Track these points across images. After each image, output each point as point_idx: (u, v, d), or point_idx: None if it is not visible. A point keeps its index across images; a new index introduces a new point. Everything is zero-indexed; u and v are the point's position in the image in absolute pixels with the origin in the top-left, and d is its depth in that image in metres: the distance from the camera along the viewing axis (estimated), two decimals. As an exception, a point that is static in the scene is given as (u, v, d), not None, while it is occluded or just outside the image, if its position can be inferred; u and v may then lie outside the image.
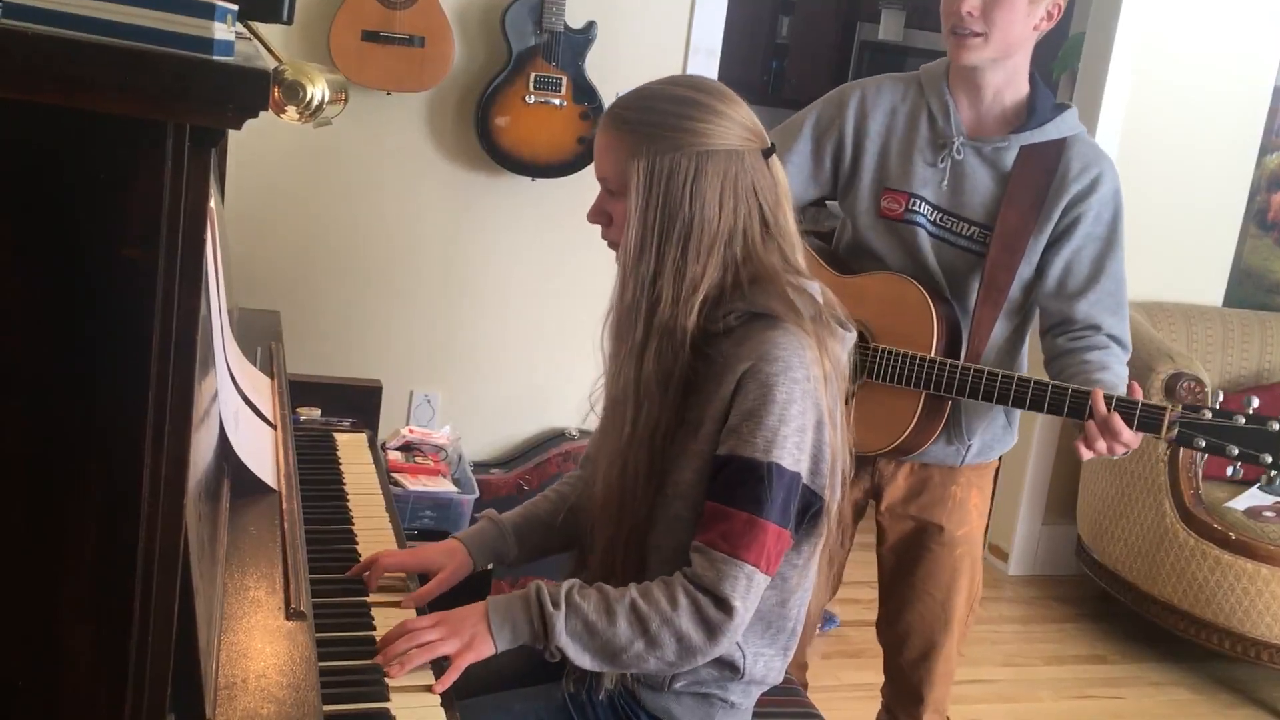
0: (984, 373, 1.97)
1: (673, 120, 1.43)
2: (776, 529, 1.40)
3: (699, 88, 1.47)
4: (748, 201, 1.44)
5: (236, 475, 1.49)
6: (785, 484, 1.40)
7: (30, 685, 0.86)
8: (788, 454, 1.40)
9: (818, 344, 1.44)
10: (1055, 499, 3.86)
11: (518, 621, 1.40)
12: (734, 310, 1.44)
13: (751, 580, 1.39)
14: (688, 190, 1.41)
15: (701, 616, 1.39)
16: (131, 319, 0.81)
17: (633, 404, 1.46)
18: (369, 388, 2.26)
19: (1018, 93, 2.03)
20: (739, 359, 1.42)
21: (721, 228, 1.43)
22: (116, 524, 0.84)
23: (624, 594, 1.41)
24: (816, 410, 1.43)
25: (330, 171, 3.06)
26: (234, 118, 0.79)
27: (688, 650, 1.40)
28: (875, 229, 2.08)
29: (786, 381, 1.40)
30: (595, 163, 1.50)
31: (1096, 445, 1.85)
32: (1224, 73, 3.68)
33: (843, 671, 2.90)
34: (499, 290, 3.24)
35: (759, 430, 1.39)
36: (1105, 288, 2.01)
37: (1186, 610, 3.21)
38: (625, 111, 1.46)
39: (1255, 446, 1.84)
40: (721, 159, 1.42)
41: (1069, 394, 1.90)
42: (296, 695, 1.15)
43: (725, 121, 1.44)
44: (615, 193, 1.47)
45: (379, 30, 2.89)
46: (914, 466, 2.13)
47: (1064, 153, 2.00)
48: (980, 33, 1.93)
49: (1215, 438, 1.85)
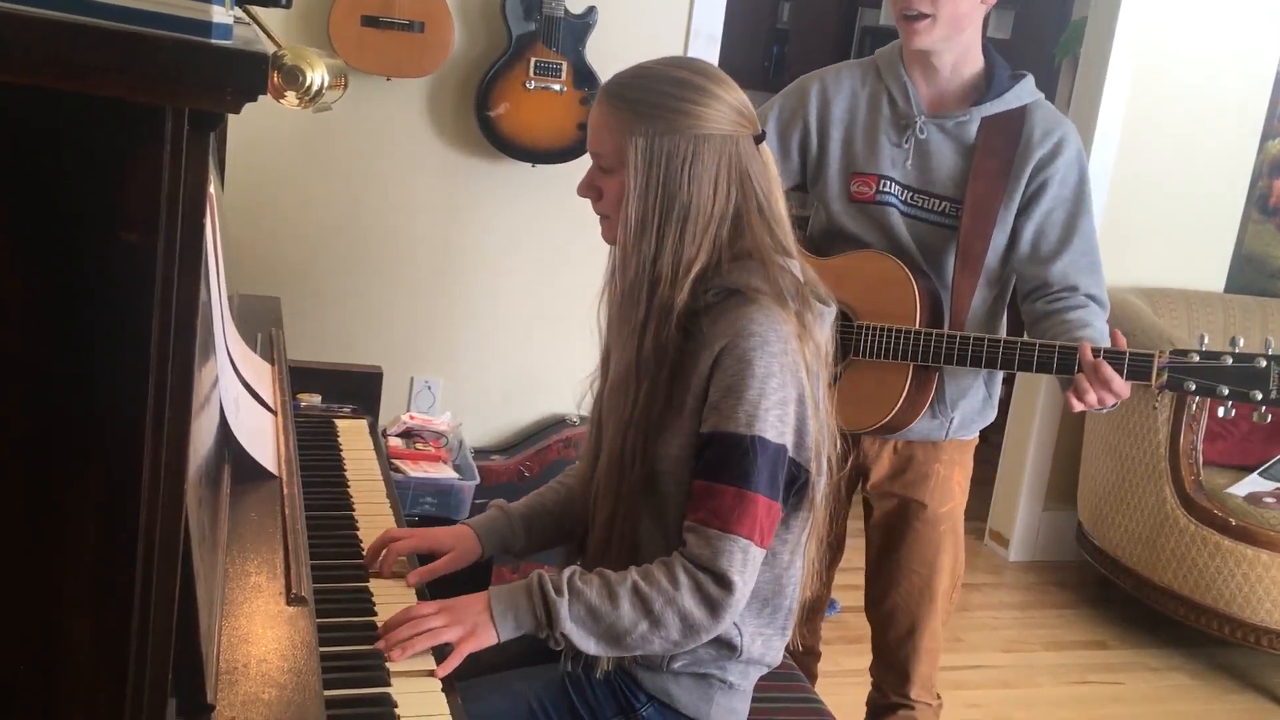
0: (970, 338, 1.99)
1: (671, 102, 1.44)
2: (766, 501, 1.41)
3: (696, 70, 1.49)
4: (742, 186, 1.46)
5: (237, 461, 1.49)
6: (770, 456, 1.41)
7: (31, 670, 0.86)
8: (770, 426, 1.41)
9: (796, 319, 1.46)
10: (1056, 485, 3.87)
11: (520, 610, 1.41)
12: (712, 287, 1.46)
13: (747, 554, 1.40)
14: (685, 173, 1.43)
15: (703, 594, 1.39)
16: (131, 304, 0.81)
17: (633, 383, 1.47)
18: (369, 374, 2.26)
19: (974, 66, 2.07)
20: (716, 336, 1.44)
21: (716, 211, 1.44)
22: (117, 509, 0.84)
23: (625, 577, 1.41)
24: (797, 383, 1.44)
25: (330, 157, 3.05)
26: (233, 102, 0.79)
27: (691, 628, 1.40)
28: (848, 213, 2.11)
29: (764, 355, 1.41)
30: (590, 137, 1.51)
31: (1087, 397, 1.87)
32: (1226, 58, 3.67)
33: (842, 657, 2.90)
34: (500, 276, 3.23)
35: (740, 405, 1.40)
36: (1078, 248, 2.03)
37: (1187, 596, 3.21)
38: (623, 89, 1.47)
39: (1244, 384, 1.87)
40: (717, 143, 1.44)
41: (1056, 350, 1.92)
42: (298, 680, 1.15)
43: (721, 106, 1.45)
44: (608, 169, 1.49)
45: (378, 15, 2.88)
46: (897, 445, 2.15)
47: (1025, 120, 2.04)
48: (928, 14, 1.97)
49: (1205, 379, 1.87)
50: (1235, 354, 1.88)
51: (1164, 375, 1.88)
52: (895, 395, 2.03)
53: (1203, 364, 1.87)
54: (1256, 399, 1.87)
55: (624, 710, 1.52)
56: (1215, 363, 1.87)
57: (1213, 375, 1.88)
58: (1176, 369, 1.88)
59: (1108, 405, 1.89)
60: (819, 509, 1.52)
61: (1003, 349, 1.97)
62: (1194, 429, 3.22)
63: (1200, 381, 1.88)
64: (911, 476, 2.15)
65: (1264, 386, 1.86)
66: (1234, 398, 1.87)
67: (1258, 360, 1.86)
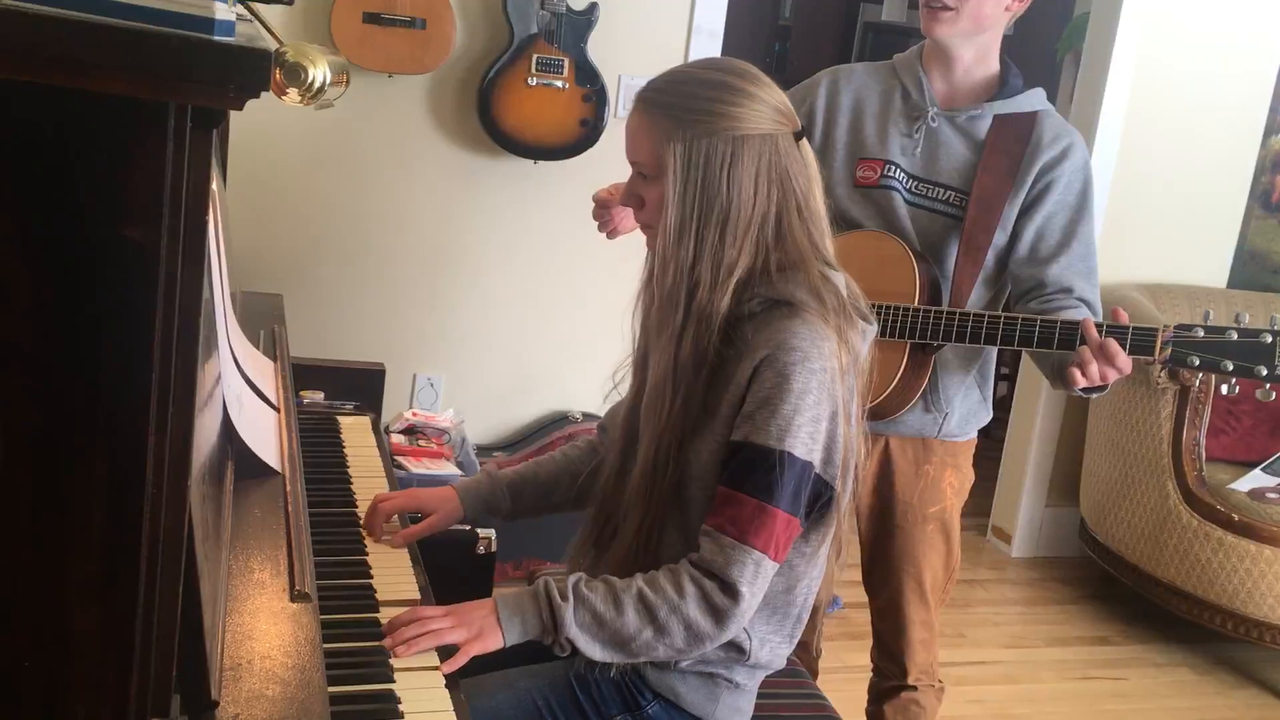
0: (969, 314, 1.98)
1: (706, 104, 1.43)
2: (786, 516, 1.41)
3: (731, 71, 1.48)
4: (782, 186, 1.45)
5: (240, 458, 1.49)
6: (796, 473, 1.41)
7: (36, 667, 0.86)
8: (800, 443, 1.40)
9: (838, 335, 1.45)
10: (1058, 481, 3.86)
11: (527, 615, 1.41)
12: (757, 296, 1.45)
13: (760, 567, 1.40)
14: (725, 174, 1.42)
15: (709, 603, 1.39)
16: (134, 301, 0.81)
17: (670, 388, 1.46)
18: (372, 371, 2.26)
19: (988, 69, 2.10)
20: (758, 346, 1.43)
21: (756, 212, 1.44)
22: (121, 506, 0.84)
23: (630, 584, 1.41)
24: (832, 401, 1.43)
25: (332, 154, 3.05)
26: (235, 99, 0.79)
27: (696, 637, 1.41)
28: (852, 198, 2.12)
29: (804, 371, 1.40)
30: (628, 146, 1.50)
31: (1090, 369, 1.86)
32: (1229, 53, 3.66)
33: (846, 654, 2.90)
34: (502, 273, 3.23)
35: (774, 418, 1.40)
36: (1077, 251, 2.04)
37: (1189, 591, 3.21)
38: (658, 95, 1.46)
39: (1249, 359, 1.85)
40: (756, 143, 1.43)
41: (1059, 326, 1.92)
42: (301, 676, 1.15)
43: (758, 105, 1.44)
44: (648, 176, 1.47)
45: (380, 12, 2.88)
46: (888, 444, 2.15)
47: (1036, 124, 2.06)
48: (952, 6, 1.99)
49: (1209, 353, 1.86)
50: (1240, 329, 1.86)
51: (1168, 349, 1.87)
52: (890, 374, 2.02)
53: (1207, 339, 1.86)
54: (1261, 374, 1.84)
55: (630, 708, 1.52)
56: (1220, 338, 1.85)
57: (1217, 350, 1.85)
58: (1180, 344, 1.87)
59: (1109, 380, 1.88)
60: (842, 514, 1.52)
61: (1004, 324, 1.96)
62: (1196, 425, 3.22)
63: (1204, 356, 1.86)
64: (899, 477, 2.14)
65: (1269, 362, 1.84)
66: (1238, 373, 1.85)
67: (1263, 336, 1.84)
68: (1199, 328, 1.87)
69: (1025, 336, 1.95)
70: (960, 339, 1.99)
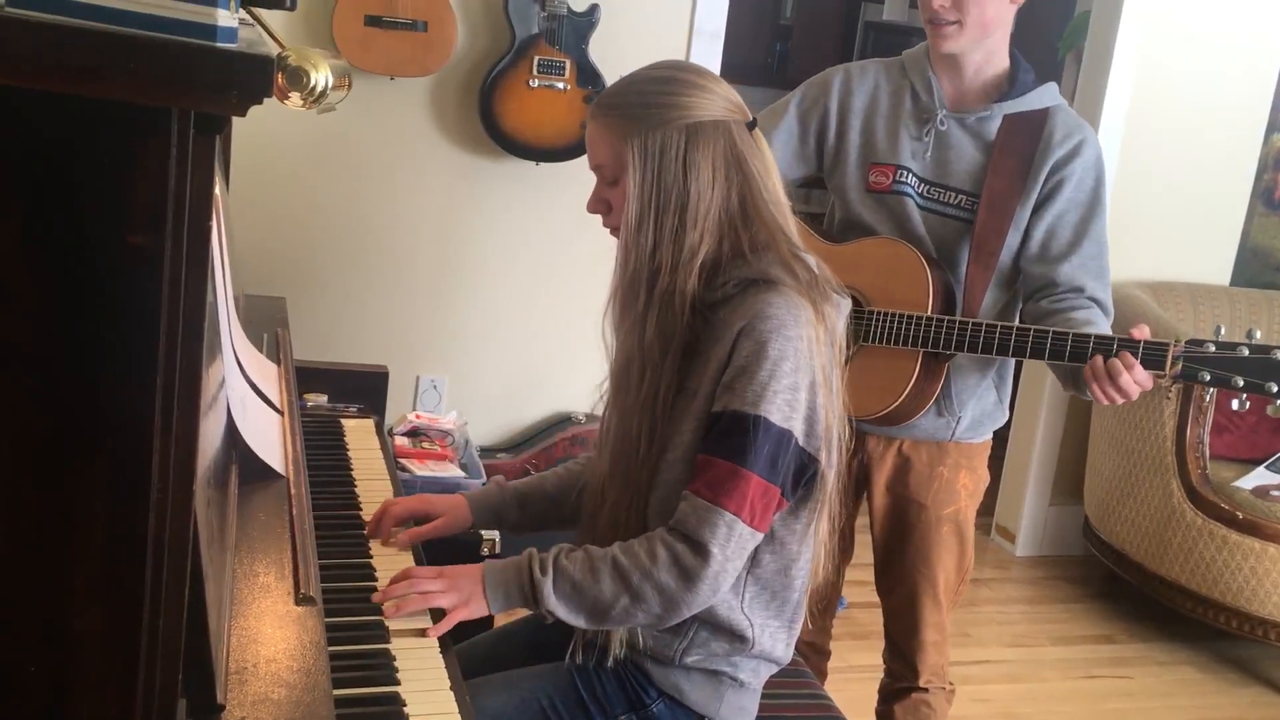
0: (982, 325, 1.99)
1: (656, 99, 1.47)
2: (761, 481, 1.41)
3: (678, 67, 1.54)
4: (741, 169, 1.48)
5: (244, 462, 1.50)
6: (772, 438, 1.42)
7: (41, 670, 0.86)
8: (776, 409, 1.42)
9: (813, 307, 1.47)
10: (1062, 479, 3.86)
11: (510, 586, 1.45)
12: (732, 279, 1.47)
13: (732, 529, 1.41)
14: (680, 162, 1.45)
15: (679, 565, 1.41)
16: (138, 306, 0.82)
17: (636, 370, 1.49)
18: (375, 373, 2.26)
19: (998, 67, 2.09)
20: (734, 322, 1.45)
21: (716, 194, 1.46)
22: (126, 510, 0.85)
23: (607, 552, 1.44)
24: (810, 370, 1.45)
25: (334, 157, 3.05)
26: (238, 104, 0.79)
27: (670, 601, 1.42)
28: (865, 203, 2.12)
29: (780, 339, 1.42)
30: (590, 155, 1.54)
31: (1093, 389, 1.89)
32: (1231, 50, 3.66)
33: (850, 654, 2.90)
34: (504, 274, 3.24)
35: (750, 384, 1.42)
36: (1088, 251, 2.03)
37: (1194, 590, 3.21)
38: (611, 99, 1.51)
39: (1260, 375, 1.85)
40: (709, 129, 1.46)
41: (1070, 339, 1.92)
42: (307, 679, 1.15)
43: (708, 95, 1.48)
44: (611, 180, 1.51)
45: (382, 15, 2.88)
46: (902, 445, 2.14)
47: (1047, 121, 2.05)
48: (955, 20, 1.99)
49: (1220, 369, 1.86)
50: (1251, 345, 1.86)
51: (1179, 364, 1.87)
52: (904, 382, 2.03)
53: (1218, 354, 1.86)
54: (1272, 391, 1.85)
55: (634, 706, 1.53)
56: (1231, 353, 1.86)
57: (1228, 366, 1.86)
58: (1191, 359, 1.87)
59: (1118, 402, 1.89)
60: (831, 493, 1.53)
61: (1015, 335, 1.96)
62: (1200, 422, 3.22)
63: (1215, 372, 1.86)
64: (914, 478, 2.14)
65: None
66: (1249, 389, 1.86)
67: (1275, 352, 1.85)
68: (1210, 343, 1.87)
69: (1037, 347, 1.95)
70: (972, 349, 2.00)
